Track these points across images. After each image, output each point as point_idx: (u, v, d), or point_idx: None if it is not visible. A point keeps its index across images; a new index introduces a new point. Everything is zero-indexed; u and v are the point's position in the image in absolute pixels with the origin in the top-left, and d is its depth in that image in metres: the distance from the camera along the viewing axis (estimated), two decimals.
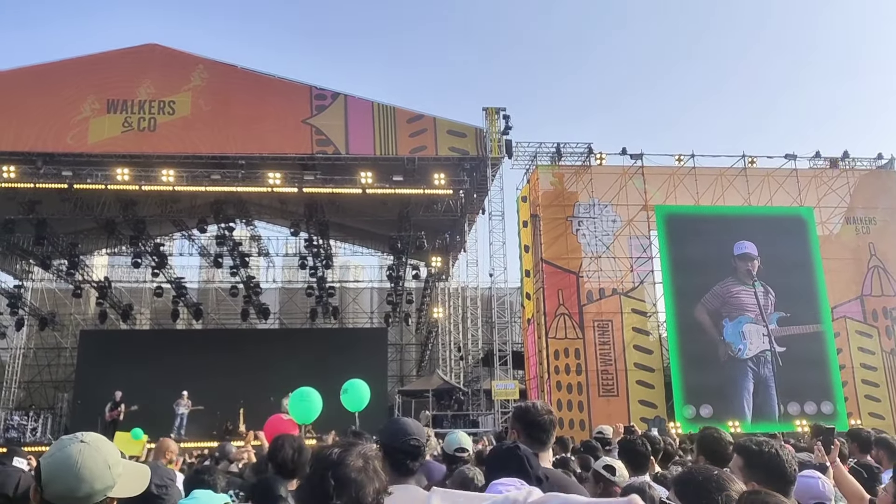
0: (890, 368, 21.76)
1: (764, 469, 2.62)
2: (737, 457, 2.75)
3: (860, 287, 22.49)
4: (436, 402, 24.27)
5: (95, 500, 1.91)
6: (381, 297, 33.69)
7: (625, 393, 20.60)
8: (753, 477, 2.61)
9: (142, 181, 20.60)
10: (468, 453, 4.72)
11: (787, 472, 2.62)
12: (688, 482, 2.23)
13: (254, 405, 18.48)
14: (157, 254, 26.79)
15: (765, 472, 2.61)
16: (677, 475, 2.49)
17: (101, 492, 1.92)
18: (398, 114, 21.47)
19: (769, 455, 2.65)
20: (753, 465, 2.65)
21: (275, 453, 3.84)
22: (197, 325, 32.54)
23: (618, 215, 22.16)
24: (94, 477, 1.90)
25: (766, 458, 2.64)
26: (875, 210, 23.29)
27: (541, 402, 3.29)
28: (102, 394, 20.58)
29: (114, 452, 1.99)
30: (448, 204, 23.39)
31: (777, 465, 2.62)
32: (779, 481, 2.60)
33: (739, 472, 2.67)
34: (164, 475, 3.00)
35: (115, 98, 20.83)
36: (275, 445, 3.90)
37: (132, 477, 2.05)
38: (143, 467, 2.24)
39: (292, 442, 3.89)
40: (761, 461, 2.64)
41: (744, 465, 2.68)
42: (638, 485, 3.75)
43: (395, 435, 2.79)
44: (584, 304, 21.34)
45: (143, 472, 2.16)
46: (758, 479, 2.60)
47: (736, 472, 2.70)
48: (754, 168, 22.91)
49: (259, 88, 21.44)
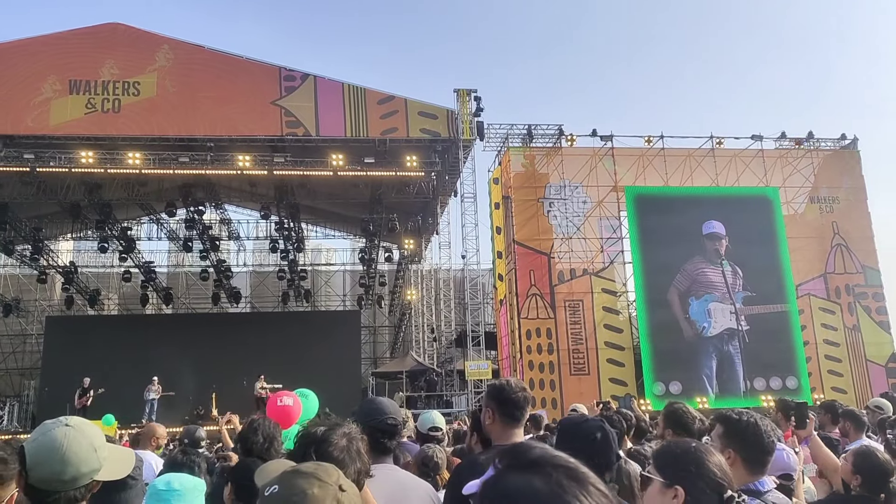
0: (852, 344, 22.38)
1: (741, 437, 2.68)
2: (718, 425, 2.82)
3: (824, 265, 23.03)
4: (409, 384, 24.39)
5: (81, 483, 1.90)
6: (354, 279, 33.59)
7: (596, 371, 20.90)
8: (731, 445, 2.68)
9: (107, 164, 20.17)
10: (442, 432, 4.77)
11: (764, 442, 2.69)
12: (667, 455, 2.27)
13: (226, 390, 18.41)
14: (125, 238, 26.32)
15: (742, 441, 2.68)
16: (657, 449, 2.54)
17: (88, 475, 1.92)
18: (369, 95, 21.28)
19: (747, 424, 2.72)
20: (732, 433, 2.72)
21: (247, 435, 3.82)
22: (167, 310, 32.14)
23: (588, 196, 22.34)
24: (80, 460, 1.89)
25: (743, 426, 2.71)
26: (838, 189, 23.80)
27: (514, 380, 3.32)
28: (70, 381, 20.30)
29: (99, 435, 1.99)
30: (420, 186, 23.33)
31: (755, 434, 2.69)
32: (756, 449, 2.67)
33: (719, 440, 2.73)
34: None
35: (77, 78, 20.30)
36: (249, 427, 3.87)
37: (118, 460, 2.05)
38: (129, 451, 2.24)
39: (266, 429, 3.84)
40: (739, 429, 2.71)
41: (723, 434, 2.74)
42: None
43: (372, 414, 2.80)
44: (555, 285, 21.54)
45: (128, 456, 2.16)
46: (736, 447, 2.67)
47: (716, 440, 2.77)
48: (722, 149, 23.23)
49: (227, 69, 21.06)
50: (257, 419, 3.97)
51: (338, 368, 25.71)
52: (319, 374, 23.38)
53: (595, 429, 2.66)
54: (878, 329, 22.71)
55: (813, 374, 21.68)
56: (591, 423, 2.73)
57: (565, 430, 2.89)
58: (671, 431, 4.16)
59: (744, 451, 2.65)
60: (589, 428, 2.69)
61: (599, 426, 2.67)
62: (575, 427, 2.83)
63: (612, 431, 2.66)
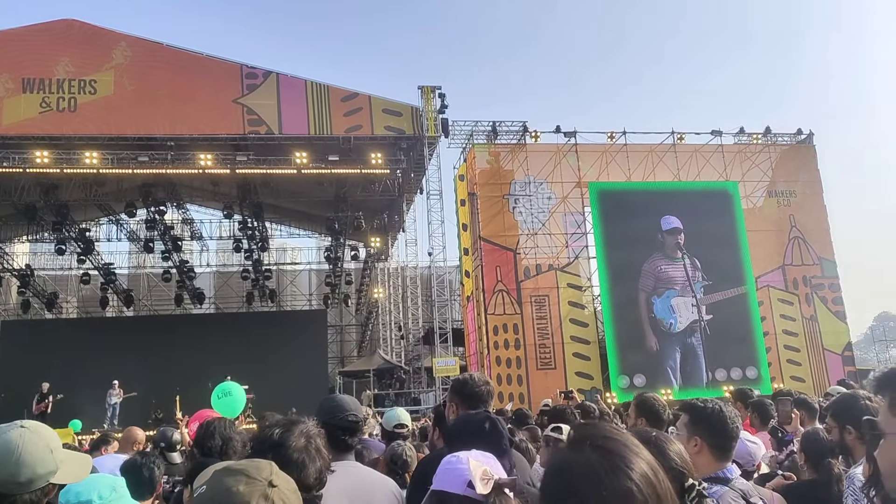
0: (809, 334, 22.96)
1: (708, 424, 2.73)
2: (683, 414, 2.86)
3: (782, 257, 23.57)
4: (377, 382, 24.33)
5: (37, 485, 1.87)
6: (320, 278, 33.35)
7: (562, 365, 21.09)
8: (698, 432, 2.73)
9: (63, 164, 19.71)
10: (407, 429, 4.77)
11: (729, 428, 2.75)
12: None
13: (190, 392, 18.07)
14: (83, 240, 25.72)
15: (709, 427, 2.72)
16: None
17: (44, 476, 1.89)
18: (332, 92, 21.14)
19: (712, 410, 2.77)
20: (698, 420, 2.76)
21: (203, 440, 3.77)
22: (128, 313, 31.52)
23: (553, 192, 22.51)
24: (36, 461, 1.87)
25: (708, 413, 2.76)
26: (795, 183, 24.36)
27: (478, 374, 3.34)
28: (28, 386, 19.76)
29: (55, 437, 1.97)
30: (385, 184, 23.26)
31: (720, 420, 2.74)
32: (722, 436, 2.73)
33: (685, 429, 2.78)
34: None
35: (30, 77, 19.78)
36: (205, 432, 3.82)
37: (75, 463, 2.02)
38: (86, 456, 2.20)
39: (223, 431, 3.79)
40: (705, 416, 2.76)
41: (689, 422, 2.79)
42: None
43: (332, 412, 2.79)
44: (521, 281, 21.67)
45: (86, 460, 2.13)
46: (702, 434, 2.71)
47: (682, 428, 2.81)
48: (683, 144, 23.60)
49: (187, 67, 20.72)
50: (213, 422, 3.92)
51: (304, 368, 25.50)
52: (286, 375, 23.23)
53: (483, 419, 2.68)
54: (835, 319, 23.32)
55: (773, 364, 22.17)
56: (480, 415, 2.76)
57: (459, 420, 2.94)
58: (644, 421, 4.22)
59: (710, 439, 2.70)
60: (478, 419, 2.73)
61: (487, 417, 2.70)
62: (466, 418, 2.88)
63: (499, 420, 2.69)
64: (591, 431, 1.17)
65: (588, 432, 1.16)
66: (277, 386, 20.79)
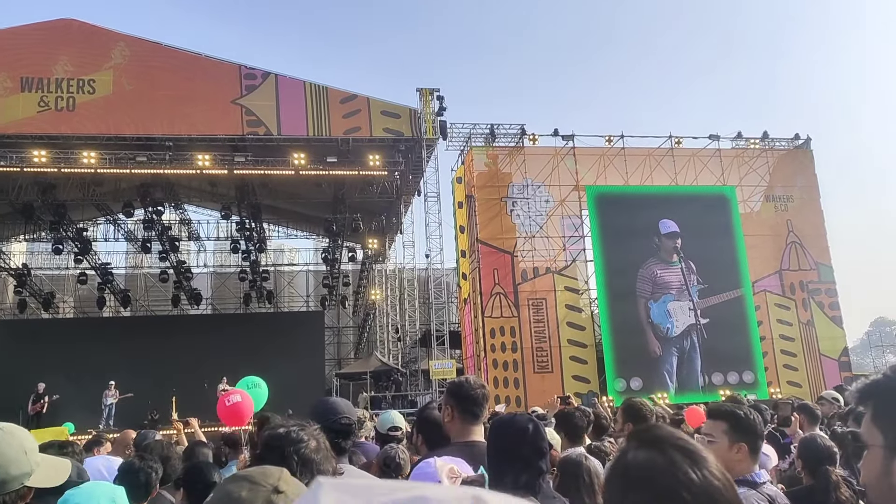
0: (806, 338, 22.98)
1: (753, 431, 2.75)
2: (720, 422, 2.84)
3: (779, 262, 23.59)
4: (374, 384, 24.28)
5: (11, 487, 1.83)
6: (317, 280, 33.33)
7: (559, 369, 21.08)
8: (743, 439, 2.72)
9: (61, 163, 19.68)
10: (402, 431, 4.76)
11: (762, 431, 2.79)
12: None
13: (187, 393, 18.05)
14: (80, 239, 25.67)
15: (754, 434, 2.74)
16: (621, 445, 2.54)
17: (18, 478, 1.85)
18: (331, 94, 21.14)
19: (753, 417, 2.80)
20: (740, 428, 2.76)
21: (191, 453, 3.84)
22: (125, 313, 31.47)
23: (550, 195, 22.52)
24: (10, 461, 1.83)
25: (751, 421, 2.78)
26: (792, 188, 24.40)
27: (473, 377, 3.34)
28: (24, 386, 19.72)
29: (30, 439, 1.93)
30: (383, 185, 23.26)
31: (759, 426, 2.78)
32: (761, 438, 2.76)
33: (726, 436, 2.76)
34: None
35: (29, 76, 19.77)
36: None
37: (52, 467, 1.99)
38: (65, 460, 2.18)
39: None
40: (749, 423, 2.77)
41: (729, 429, 2.78)
42: (575, 456, 3.85)
43: (326, 414, 2.78)
44: (518, 283, 21.67)
45: (64, 465, 2.10)
46: (748, 440, 2.72)
47: (720, 435, 2.79)
48: (680, 148, 23.62)
49: (186, 67, 20.72)
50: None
51: (301, 370, 25.43)
52: (283, 376, 23.03)
53: (526, 421, 2.69)
54: (831, 324, 23.35)
55: (769, 369, 22.19)
56: (522, 417, 2.76)
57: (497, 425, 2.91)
58: (631, 425, 4.22)
59: (752, 444, 2.71)
60: (521, 421, 2.72)
61: (530, 419, 2.70)
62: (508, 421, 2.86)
63: (541, 424, 2.69)
64: (667, 432, 1.24)
65: (665, 433, 1.24)
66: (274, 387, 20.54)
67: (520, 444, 2.49)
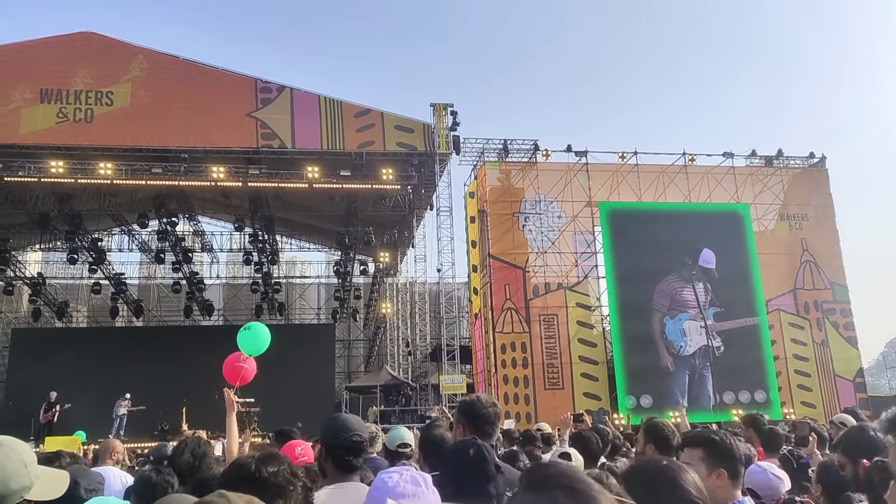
0: (820, 359, 22.71)
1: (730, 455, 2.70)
2: (696, 449, 2.79)
3: (793, 281, 23.39)
4: (384, 398, 24.21)
5: (11, 501, 1.82)
6: (329, 292, 33.38)
7: (570, 385, 20.94)
8: (721, 464, 2.68)
9: (78, 174, 19.90)
10: (410, 448, 4.73)
11: (738, 454, 2.73)
12: (637, 476, 2.13)
13: (197, 404, 18.08)
14: (95, 249, 25.89)
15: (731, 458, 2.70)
16: (626, 469, 2.47)
17: (18, 492, 1.83)
18: (345, 108, 21.28)
19: (730, 442, 2.75)
20: (719, 454, 2.71)
21: (175, 457, 3.80)
22: (137, 323, 31.62)
23: (563, 211, 22.48)
24: (10, 476, 1.81)
25: (728, 446, 2.73)
26: (807, 207, 24.23)
27: (485, 395, 3.33)
28: (36, 395, 19.81)
29: (29, 452, 1.91)
30: (396, 199, 23.31)
31: (736, 449, 2.73)
32: (739, 463, 2.72)
33: (703, 464, 2.71)
34: (93, 479, 2.98)
35: (49, 87, 20.04)
36: (177, 450, 3.86)
37: (51, 479, 1.97)
38: (63, 472, 2.16)
39: (195, 448, 3.82)
40: (726, 448, 2.72)
41: (706, 455, 2.73)
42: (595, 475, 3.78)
43: (337, 432, 2.77)
44: (530, 299, 21.60)
45: (63, 476, 2.08)
46: (726, 465, 2.67)
47: (697, 463, 2.73)
48: (694, 165, 23.54)
49: (202, 80, 20.94)
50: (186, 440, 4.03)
51: (312, 383, 25.46)
52: (293, 389, 23.15)
53: (469, 446, 2.64)
54: (846, 344, 23.09)
55: (783, 389, 21.93)
56: (466, 443, 2.69)
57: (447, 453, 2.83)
58: (652, 446, 4.16)
59: (732, 470, 2.67)
60: (464, 447, 2.66)
61: (472, 443, 2.63)
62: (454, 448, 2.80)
63: (485, 445, 2.62)
64: (556, 471, 1.18)
65: (553, 472, 1.17)
66: (284, 400, 20.72)
67: (461, 471, 2.45)
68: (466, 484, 2.39)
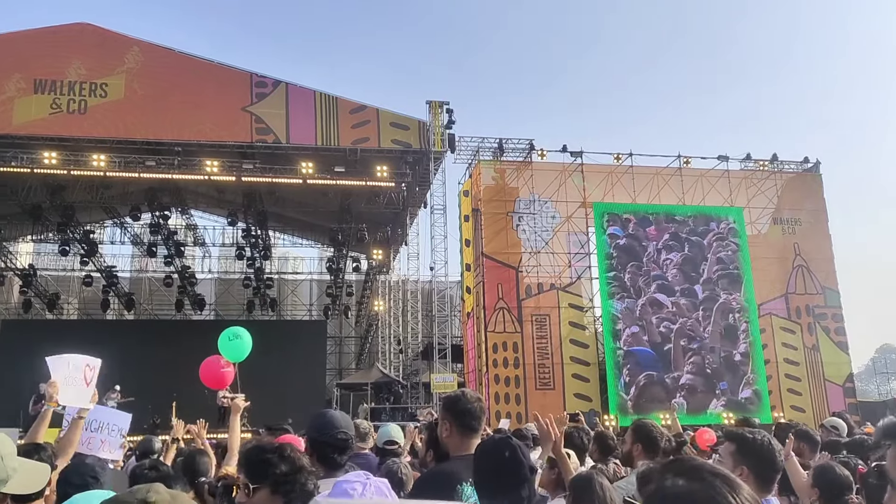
0: (811, 363, 22.79)
1: (756, 455, 2.70)
2: (728, 443, 2.83)
3: (785, 285, 23.45)
4: (374, 396, 24.17)
5: None
6: (321, 289, 33.31)
7: (561, 386, 20.95)
8: (744, 462, 2.69)
9: (71, 166, 19.78)
10: (398, 446, 4.71)
11: (777, 460, 2.71)
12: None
13: (187, 399, 17.99)
14: (87, 241, 25.77)
15: (757, 458, 2.69)
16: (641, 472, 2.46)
17: None
18: (341, 104, 21.22)
19: (762, 442, 2.74)
20: (747, 451, 2.72)
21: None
22: (129, 316, 31.49)
23: (557, 211, 22.48)
24: None
25: (759, 445, 2.73)
26: (800, 211, 24.30)
27: (469, 391, 3.31)
28: (26, 387, 19.68)
29: (8, 444, 1.88)
30: (390, 196, 23.28)
31: (770, 452, 2.72)
32: (769, 467, 2.69)
33: (731, 458, 2.73)
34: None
35: (42, 78, 19.91)
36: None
37: (30, 473, 1.94)
38: (44, 465, 2.11)
39: None
40: (755, 447, 2.72)
41: (735, 451, 2.75)
42: (585, 473, 3.78)
43: (323, 428, 2.75)
44: (522, 299, 21.60)
45: (43, 470, 2.04)
46: (749, 464, 2.67)
47: (726, 457, 2.77)
48: (689, 168, 23.58)
49: (197, 74, 20.83)
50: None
51: (302, 379, 25.40)
52: (283, 385, 23.11)
53: (505, 448, 2.61)
54: (837, 349, 23.17)
55: (773, 393, 21.99)
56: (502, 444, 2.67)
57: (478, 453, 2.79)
58: (640, 446, 4.16)
59: (757, 469, 2.66)
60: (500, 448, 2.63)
61: (508, 444, 2.62)
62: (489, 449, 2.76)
63: (520, 446, 2.62)
64: (701, 462, 1.27)
65: (699, 463, 1.26)
66: (274, 395, 20.65)
67: (497, 474, 2.43)
68: (501, 487, 2.38)
